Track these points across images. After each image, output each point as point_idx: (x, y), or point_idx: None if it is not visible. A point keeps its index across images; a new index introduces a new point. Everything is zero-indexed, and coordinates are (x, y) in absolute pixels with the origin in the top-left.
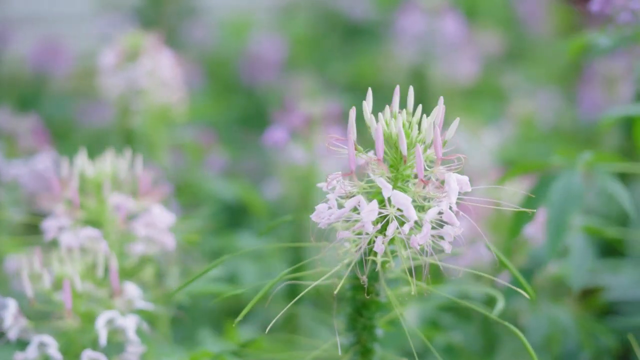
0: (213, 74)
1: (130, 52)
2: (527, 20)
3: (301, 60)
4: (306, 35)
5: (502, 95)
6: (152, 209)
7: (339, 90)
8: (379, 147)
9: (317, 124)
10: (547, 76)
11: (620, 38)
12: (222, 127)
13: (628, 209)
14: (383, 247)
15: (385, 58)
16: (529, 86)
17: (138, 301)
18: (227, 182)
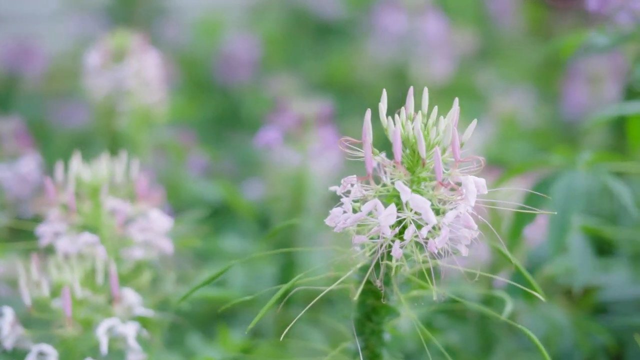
0: (186, 74)
1: (116, 52)
2: (497, 19)
3: (274, 60)
4: (278, 35)
5: (476, 94)
6: (149, 213)
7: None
8: (397, 149)
9: (309, 124)
10: (520, 74)
11: (618, 37)
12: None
13: (630, 208)
14: (401, 252)
15: (358, 57)
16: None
17: (138, 308)
18: (210, 183)
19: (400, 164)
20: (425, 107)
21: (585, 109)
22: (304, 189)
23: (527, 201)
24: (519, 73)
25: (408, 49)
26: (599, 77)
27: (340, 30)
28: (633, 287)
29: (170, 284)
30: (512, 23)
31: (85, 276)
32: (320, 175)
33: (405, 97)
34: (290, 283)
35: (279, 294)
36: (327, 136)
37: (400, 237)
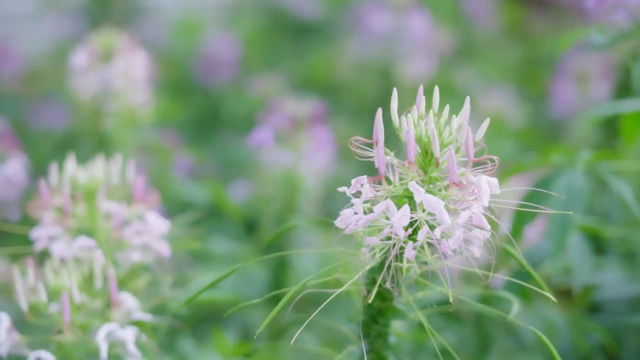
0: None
1: (103, 52)
2: (475, 18)
3: (254, 60)
4: (257, 35)
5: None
6: (146, 215)
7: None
8: (411, 149)
9: (302, 124)
10: (499, 73)
11: (616, 35)
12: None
13: (633, 207)
14: (414, 253)
15: (338, 56)
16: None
17: (136, 312)
18: (197, 184)
19: (413, 163)
20: (436, 106)
21: (573, 107)
22: (296, 189)
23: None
24: (498, 72)
25: (393, 47)
26: (587, 75)
27: (319, 30)
28: (627, 286)
29: (166, 288)
30: (489, 22)
31: (83, 280)
32: (312, 176)
33: (390, 96)
34: (301, 284)
35: (288, 296)
36: (320, 136)
37: (412, 238)
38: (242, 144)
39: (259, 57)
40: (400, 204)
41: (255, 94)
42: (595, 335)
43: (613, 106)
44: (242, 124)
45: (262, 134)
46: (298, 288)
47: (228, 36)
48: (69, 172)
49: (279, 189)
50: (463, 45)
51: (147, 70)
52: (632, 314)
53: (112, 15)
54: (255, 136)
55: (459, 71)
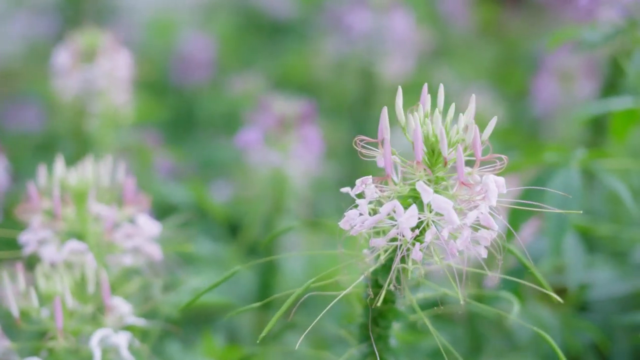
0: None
1: (86, 51)
2: (450, 18)
3: (229, 60)
4: (232, 35)
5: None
6: (137, 218)
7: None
8: (419, 149)
9: (290, 124)
10: (476, 72)
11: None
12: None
13: (630, 206)
14: (421, 254)
15: (314, 56)
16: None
17: (129, 317)
18: (179, 185)
19: (421, 163)
20: (441, 105)
21: (555, 105)
22: (283, 190)
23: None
24: (474, 71)
25: (373, 47)
26: (570, 73)
27: (294, 30)
28: (617, 284)
29: (158, 291)
30: (464, 22)
31: (75, 285)
32: (300, 176)
33: (370, 95)
34: (305, 287)
35: (292, 297)
36: (309, 136)
37: (419, 239)
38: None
39: (234, 57)
40: (405, 204)
41: (233, 94)
42: (587, 334)
43: (602, 104)
44: (218, 124)
45: (250, 133)
46: (300, 292)
47: (203, 36)
48: (58, 174)
49: (266, 190)
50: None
51: (130, 70)
52: (622, 313)
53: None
54: (243, 136)
55: (436, 71)
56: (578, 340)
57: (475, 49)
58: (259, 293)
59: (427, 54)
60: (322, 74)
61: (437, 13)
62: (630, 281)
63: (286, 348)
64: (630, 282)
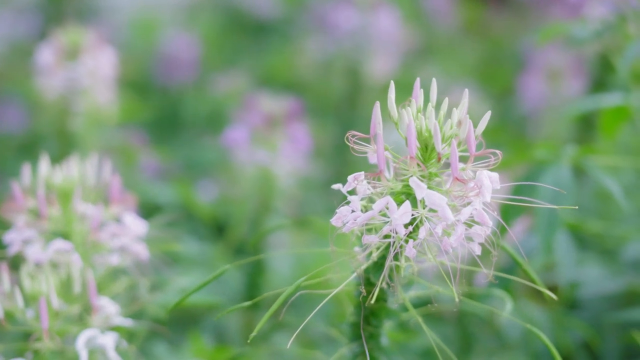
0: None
1: (69, 49)
2: (434, 16)
3: (213, 59)
4: (215, 34)
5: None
6: (123, 217)
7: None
8: (412, 144)
9: (278, 122)
10: (461, 70)
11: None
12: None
13: (621, 203)
14: (415, 252)
15: (298, 55)
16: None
17: (115, 317)
18: (165, 185)
19: (414, 158)
20: (434, 99)
21: (542, 103)
22: (271, 188)
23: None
24: (459, 69)
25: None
26: (556, 71)
27: (278, 29)
28: (607, 282)
29: (144, 291)
30: (448, 20)
31: (60, 285)
32: (287, 175)
33: (356, 94)
34: (295, 285)
35: (282, 297)
36: (297, 134)
37: (412, 236)
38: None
39: (218, 57)
40: (398, 201)
41: (218, 93)
42: (578, 332)
43: (592, 101)
44: (203, 123)
45: (237, 132)
46: (291, 290)
47: (186, 35)
48: (43, 173)
49: (253, 189)
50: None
51: (114, 68)
52: (613, 311)
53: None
54: (229, 134)
55: (422, 69)
56: (569, 338)
57: (460, 47)
58: (247, 293)
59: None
60: (307, 73)
61: (422, 11)
62: (620, 279)
63: (275, 348)
64: (620, 280)
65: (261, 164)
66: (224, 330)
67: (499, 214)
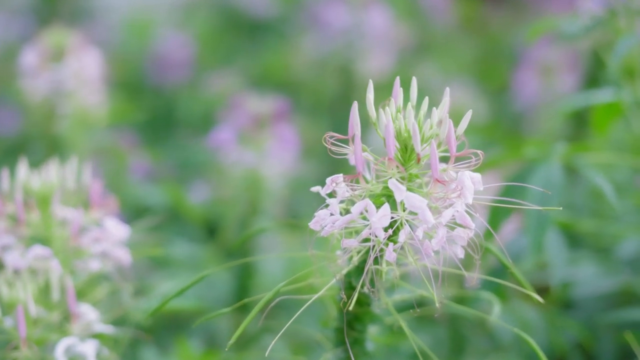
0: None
1: (54, 51)
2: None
3: (208, 59)
4: (210, 33)
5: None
6: (104, 221)
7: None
8: (390, 145)
9: (265, 122)
10: (458, 67)
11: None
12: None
13: (612, 201)
14: (395, 255)
15: (293, 54)
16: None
17: (96, 324)
18: (155, 187)
19: (393, 159)
20: (414, 99)
21: (537, 99)
22: (259, 190)
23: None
24: (456, 67)
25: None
26: (551, 67)
27: (274, 28)
28: (601, 281)
29: (128, 297)
30: (445, 17)
31: (39, 292)
32: (276, 176)
33: (349, 92)
34: (273, 292)
35: (260, 304)
36: (284, 134)
37: (393, 239)
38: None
39: (213, 56)
40: (378, 203)
41: (211, 93)
42: (572, 332)
43: (584, 97)
44: (197, 124)
45: (223, 133)
46: (270, 296)
47: (180, 35)
48: (21, 178)
49: (241, 190)
50: (420, 41)
51: (100, 70)
52: (608, 310)
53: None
54: (216, 136)
55: (418, 66)
56: (563, 338)
57: (457, 44)
58: (237, 295)
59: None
60: (302, 71)
61: (418, 8)
62: (615, 277)
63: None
64: (615, 279)
65: (248, 165)
66: (215, 334)
67: (488, 214)
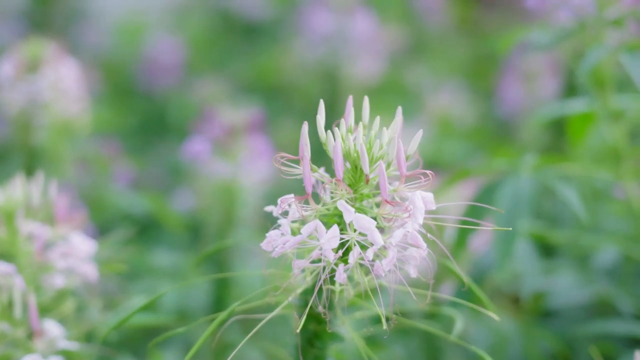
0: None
1: (30, 62)
2: (425, 16)
3: (201, 63)
4: (204, 37)
5: (407, 92)
6: (70, 237)
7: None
8: (339, 166)
9: (239, 133)
10: (451, 70)
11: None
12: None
13: (579, 213)
14: (345, 276)
15: (286, 57)
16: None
17: (60, 341)
18: (137, 195)
19: (342, 181)
20: (366, 118)
21: (521, 106)
22: (234, 200)
23: (471, 209)
24: (449, 69)
25: (336, 49)
26: (535, 73)
27: (268, 31)
28: (579, 290)
29: (96, 312)
30: (440, 20)
31: (3, 309)
32: (251, 186)
33: (335, 98)
34: (227, 312)
35: (214, 324)
36: (259, 145)
37: (344, 260)
38: None
39: (206, 60)
40: (332, 223)
41: (199, 98)
42: (548, 343)
43: (559, 107)
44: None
45: (197, 144)
46: (225, 316)
47: (172, 39)
48: None
49: (217, 200)
50: (414, 43)
51: (80, 80)
52: (586, 320)
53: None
54: (190, 147)
55: (411, 70)
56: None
57: (451, 47)
58: (215, 306)
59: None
60: (293, 75)
61: (413, 11)
62: (591, 287)
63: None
64: (591, 289)
65: (223, 176)
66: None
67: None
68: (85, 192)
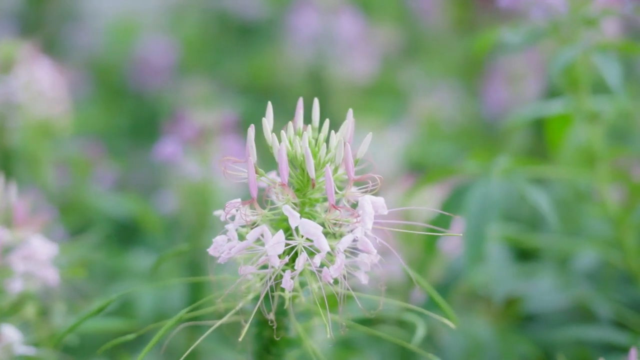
0: (100, 81)
1: (3, 63)
2: (421, 15)
3: (193, 63)
4: (198, 37)
5: (400, 93)
6: (30, 240)
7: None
8: (283, 170)
9: (212, 134)
10: (445, 70)
11: (531, 34)
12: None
13: (548, 216)
14: (292, 283)
15: (280, 58)
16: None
17: (18, 346)
18: (118, 197)
19: (287, 185)
20: (316, 120)
21: (505, 107)
22: (208, 202)
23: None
24: (443, 70)
25: (323, 49)
26: (519, 74)
27: (262, 31)
28: (558, 294)
29: (59, 317)
30: (435, 20)
31: None
32: (225, 188)
33: (323, 99)
34: (176, 318)
35: (163, 330)
36: (231, 146)
37: (291, 266)
38: None
39: (200, 60)
40: (282, 227)
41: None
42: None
43: (536, 109)
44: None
45: (168, 146)
46: (172, 323)
47: (165, 39)
48: None
49: (190, 202)
50: (409, 44)
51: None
52: (565, 325)
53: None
54: (162, 149)
55: (404, 70)
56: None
57: (446, 48)
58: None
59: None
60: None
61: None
62: (570, 291)
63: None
64: (570, 292)
65: (195, 178)
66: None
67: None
68: (64, 194)
